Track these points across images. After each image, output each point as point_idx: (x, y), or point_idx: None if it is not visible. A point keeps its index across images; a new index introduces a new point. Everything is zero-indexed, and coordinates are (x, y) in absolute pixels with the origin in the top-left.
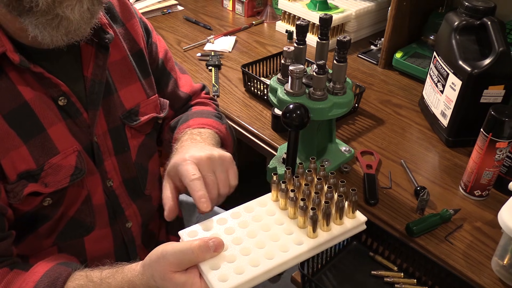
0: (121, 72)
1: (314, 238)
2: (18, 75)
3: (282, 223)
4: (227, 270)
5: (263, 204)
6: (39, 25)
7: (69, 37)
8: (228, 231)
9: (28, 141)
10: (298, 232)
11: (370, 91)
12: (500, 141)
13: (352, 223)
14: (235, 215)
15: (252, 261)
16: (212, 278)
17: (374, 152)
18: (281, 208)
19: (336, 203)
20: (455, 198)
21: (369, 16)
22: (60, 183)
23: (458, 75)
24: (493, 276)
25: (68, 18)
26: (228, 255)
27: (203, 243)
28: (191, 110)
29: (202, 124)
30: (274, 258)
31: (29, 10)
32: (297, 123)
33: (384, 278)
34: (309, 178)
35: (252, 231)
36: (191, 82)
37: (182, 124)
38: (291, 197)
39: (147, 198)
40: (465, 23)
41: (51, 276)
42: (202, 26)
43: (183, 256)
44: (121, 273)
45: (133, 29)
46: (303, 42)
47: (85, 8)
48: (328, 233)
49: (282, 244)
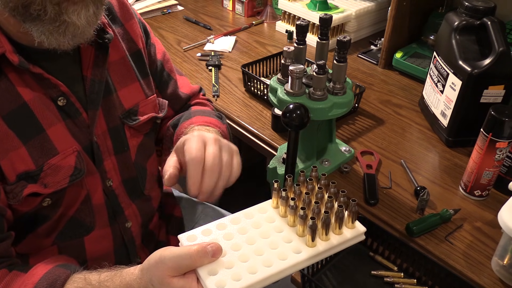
0: (120, 72)
1: (312, 247)
2: (17, 76)
3: (281, 230)
4: (225, 276)
5: (263, 211)
6: (46, 32)
7: (75, 41)
8: (227, 237)
9: (27, 142)
10: (297, 241)
11: (370, 91)
12: (500, 141)
13: (352, 233)
14: (235, 221)
15: (250, 268)
16: (210, 284)
17: (374, 152)
18: (281, 216)
19: (336, 213)
20: (455, 198)
21: (369, 16)
22: (60, 183)
23: (458, 75)
24: (493, 276)
25: (75, 23)
26: (226, 261)
27: (201, 248)
28: (192, 109)
29: (206, 122)
30: (272, 266)
31: (36, 18)
32: (297, 123)
33: (384, 278)
34: (309, 186)
35: (251, 238)
36: (189, 83)
37: (184, 121)
38: (291, 205)
39: (147, 198)
40: (465, 23)
41: (50, 278)
42: (202, 26)
43: (181, 261)
44: (119, 276)
45: (132, 30)
46: (303, 42)
47: (91, 12)
48: (327, 242)
49: (281, 252)
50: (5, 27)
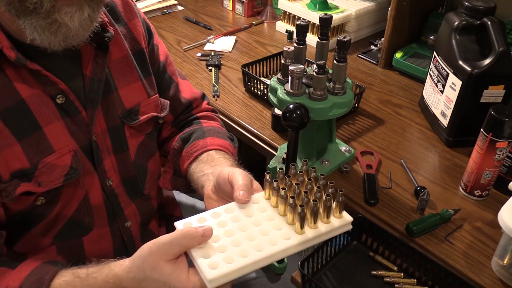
0: (122, 71)
1: (301, 234)
2: (15, 73)
3: (272, 219)
4: (218, 259)
5: (255, 201)
6: (38, 28)
7: (66, 43)
8: (220, 224)
9: (22, 139)
10: (287, 228)
11: (370, 91)
12: (500, 141)
13: (339, 222)
14: (229, 210)
15: (242, 252)
16: (203, 265)
17: (374, 152)
18: (273, 206)
19: (324, 202)
20: (455, 198)
21: (369, 16)
22: (54, 182)
23: (458, 75)
24: (493, 276)
25: (67, 25)
26: (219, 246)
27: (192, 229)
28: (204, 126)
29: (221, 147)
30: (263, 250)
31: (32, 11)
32: (297, 123)
33: (384, 278)
34: (300, 178)
35: (243, 225)
36: (192, 88)
37: (197, 140)
38: (282, 195)
39: (146, 198)
40: (465, 23)
41: (38, 274)
42: (202, 26)
43: (173, 242)
44: (107, 268)
45: (135, 29)
46: (303, 42)
47: (86, 15)
48: (315, 230)
49: (271, 238)
50: (4, 23)
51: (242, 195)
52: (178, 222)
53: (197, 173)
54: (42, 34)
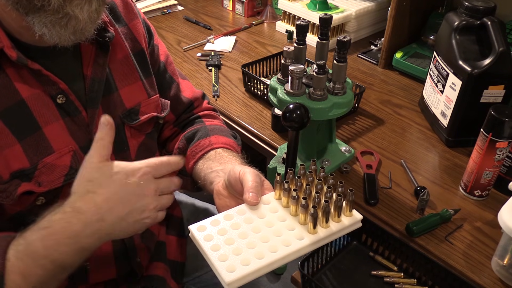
0: (122, 71)
1: (314, 234)
2: (15, 72)
3: (284, 219)
4: (234, 262)
5: (266, 202)
6: (48, 24)
7: (76, 36)
8: (234, 226)
9: (22, 139)
10: (299, 228)
11: (370, 91)
12: (500, 141)
13: (349, 220)
14: (241, 212)
15: (257, 254)
16: (220, 268)
17: (374, 152)
18: (284, 206)
19: (335, 202)
20: (455, 198)
21: (369, 16)
22: (54, 182)
23: (458, 75)
24: (493, 276)
25: (77, 17)
26: (235, 249)
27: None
28: (207, 125)
29: (225, 145)
30: (278, 252)
31: (40, 8)
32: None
33: (384, 278)
34: (310, 178)
35: (256, 227)
36: (192, 88)
37: (202, 138)
38: (293, 195)
39: None
40: (465, 23)
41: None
42: (202, 26)
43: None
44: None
45: (135, 29)
46: (303, 42)
47: (94, 8)
48: (327, 229)
49: (285, 239)
50: (6, 23)
51: (252, 197)
52: (192, 225)
53: (205, 170)
54: (52, 29)
